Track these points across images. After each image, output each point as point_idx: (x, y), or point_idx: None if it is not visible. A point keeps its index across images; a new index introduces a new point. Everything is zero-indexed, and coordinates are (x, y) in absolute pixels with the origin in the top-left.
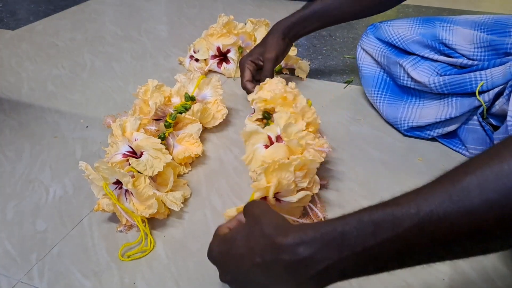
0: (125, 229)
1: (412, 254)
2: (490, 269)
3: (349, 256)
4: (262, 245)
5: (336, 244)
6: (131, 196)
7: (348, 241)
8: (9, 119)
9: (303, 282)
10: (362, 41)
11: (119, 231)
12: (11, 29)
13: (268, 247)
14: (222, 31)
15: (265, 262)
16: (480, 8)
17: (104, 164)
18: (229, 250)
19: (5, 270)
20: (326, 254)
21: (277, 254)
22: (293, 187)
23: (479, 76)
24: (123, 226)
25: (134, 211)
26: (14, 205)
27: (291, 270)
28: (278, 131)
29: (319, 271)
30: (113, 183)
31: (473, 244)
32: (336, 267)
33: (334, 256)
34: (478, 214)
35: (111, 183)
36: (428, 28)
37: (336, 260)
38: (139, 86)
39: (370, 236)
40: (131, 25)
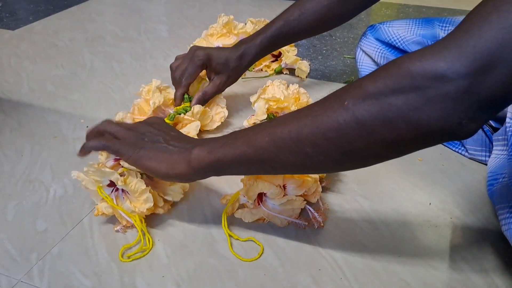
0: (121, 229)
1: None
2: (490, 269)
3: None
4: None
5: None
6: (127, 195)
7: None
8: (9, 119)
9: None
10: (361, 42)
11: (116, 230)
12: (11, 29)
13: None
14: (222, 31)
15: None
16: None
17: (92, 167)
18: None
19: (5, 269)
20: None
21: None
22: (277, 191)
23: None
24: (120, 226)
25: (132, 210)
26: (14, 205)
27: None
28: None
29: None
30: (107, 186)
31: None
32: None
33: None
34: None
35: (105, 186)
36: (428, 29)
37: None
38: (143, 85)
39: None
40: (131, 25)
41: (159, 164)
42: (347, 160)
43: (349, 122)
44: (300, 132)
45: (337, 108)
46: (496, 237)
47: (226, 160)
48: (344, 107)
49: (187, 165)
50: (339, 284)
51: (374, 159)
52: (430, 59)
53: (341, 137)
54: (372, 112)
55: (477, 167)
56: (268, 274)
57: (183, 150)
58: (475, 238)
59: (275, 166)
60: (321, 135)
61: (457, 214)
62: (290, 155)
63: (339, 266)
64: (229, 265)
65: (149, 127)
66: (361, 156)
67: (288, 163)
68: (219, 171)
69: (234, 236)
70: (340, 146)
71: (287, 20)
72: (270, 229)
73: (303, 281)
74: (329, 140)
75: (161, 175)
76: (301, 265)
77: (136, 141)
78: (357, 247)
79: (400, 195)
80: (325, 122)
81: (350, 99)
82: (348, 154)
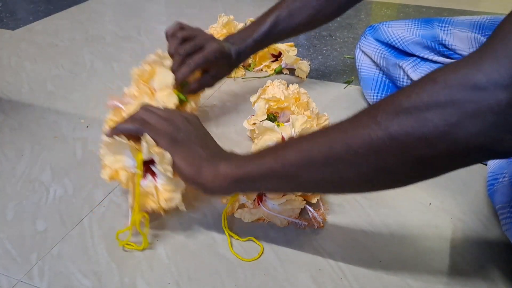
0: None
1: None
2: (490, 269)
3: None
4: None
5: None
6: (155, 180)
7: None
8: (9, 119)
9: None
10: (361, 43)
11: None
12: (11, 29)
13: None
14: (222, 31)
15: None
16: (480, 8)
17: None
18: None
19: (5, 269)
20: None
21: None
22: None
23: None
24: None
25: (154, 196)
26: (14, 205)
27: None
28: (293, 132)
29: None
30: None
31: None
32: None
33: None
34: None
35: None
36: (427, 29)
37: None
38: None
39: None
40: (131, 25)
41: (188, 167)
42: (380, 178)
43: (382, 138)
44: (330, 148)
45: (369, 124)
46: (496, 237)
47: (253, 176)
48: (376, 122)
49: (214, 177)
50: (339, 284)
51: (408, 178)
52: (466, 71)
53: (373, 153)
54: (406, 127)
55: (477, 167)
56: (268, 274)
57: (212, 161)
58: (475, 238)
59: (303, 183)
60: (352, 152)
61: (457, 214)
62: (319, 172)
63: (339, 266)
64: (229, 265)
65: (187, 123)
66: (394, 174)
67: (317, 180)
68: (244, 187)
69: (234, 236)
70: (373, 163)
71: (276, 20)
72: (270, 229)
73: (303, 281)
74: (361, 157)
75: (186, 178)
76: (301, 265)
77: (172, 133)
78: (357, 247)
79: (400, 195)
80: (356, 138)
81: (382, 114)
82: (381, 171)
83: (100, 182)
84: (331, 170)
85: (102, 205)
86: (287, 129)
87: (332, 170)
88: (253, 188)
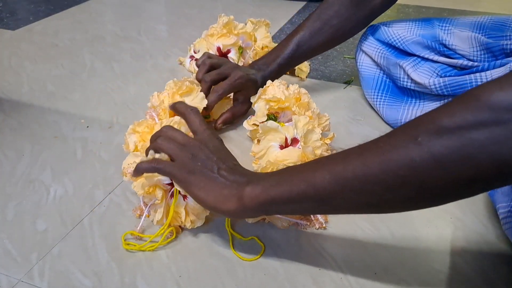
0: (139, 212)
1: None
2: (490, 269)
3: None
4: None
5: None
6: (185, 200)
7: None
8: (9, 119)
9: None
10: (361, 43)
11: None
12: (11, 29)
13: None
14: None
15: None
16: (480, 8)
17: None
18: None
19: (5, 269)
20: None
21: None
22: None
23: (480, 78)
24: (139, 210)
25: (181, 216)
26: (15, 205)
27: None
28: (295, 133)
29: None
30: (167, 184)
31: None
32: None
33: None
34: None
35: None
36: (428, 29)
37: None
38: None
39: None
40: (131, 25)
41: (208, 196)
42: (421, 199)
43: (425, 159)
44: (367, 170)
45: (408, 144)
46: (496, 237)
47: (282, 199)
48: (417, 143)
49: (238, 202)
50: (339, 284)
51: (452, 197)
52: (511, 88)
53: (415, 175)
54: (450, 148)
55: None
56: (268, 274)
57: (235, 185)
58: (475, 238)
59: (335, 205)
60: (392, 174)
61: (457, 214)
62: (354, 194)
63: (339, 266)
64: (229, 265)
65: (204, 149)
66: (438, 195)
67: (352, 202)
68: (272, 210)
69: (237, 236)
70: (415, 184)
71: (299, 44)
72: (270, 229)
73: (303, 281)
74: (402, 179)
75: (209, 207)
76: (301, 265)
77: (188, 164)
78: (357, 247)
79: None
80: (396, 159)
81: (423, 135)
82: (423, 193)
83: (100, 182)
84: (368, 193)
85: (102, 205)
86: (289, 130)
87: (369, 193)
88: (282, 211)
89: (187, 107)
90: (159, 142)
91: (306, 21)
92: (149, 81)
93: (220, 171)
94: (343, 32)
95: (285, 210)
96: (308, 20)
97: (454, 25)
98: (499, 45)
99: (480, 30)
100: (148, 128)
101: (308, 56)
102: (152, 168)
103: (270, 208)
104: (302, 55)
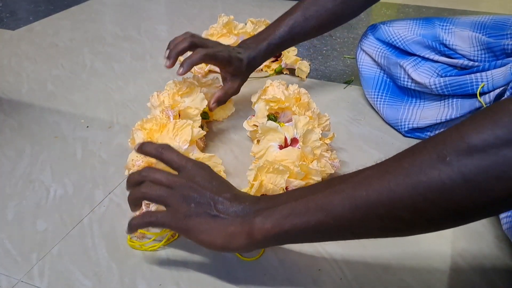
0: (138, 237)
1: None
2: (490, 269)
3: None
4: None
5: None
6: None
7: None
8: (9, 119)
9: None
10: (362, 42)
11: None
12: (11, 29)
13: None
14: (222, 31)
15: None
16: (480, 8)
17: None
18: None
19: (5, 269)
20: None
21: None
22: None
23: (480, 78)
24: (139, 234)
25: None
26: (15, 205)
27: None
28: (295, 133)
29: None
30: None
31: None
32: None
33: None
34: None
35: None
36: (428, 28)
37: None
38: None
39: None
40: (131, 25)
41: (213, 238)
42: (449, 220)
43: (455, 180)
44: (393, 195)
45: (436, 165)
46: (496, 237)
47: (297, 230)
48: (445, 163)
49: (249, 237)
50: (339, 284)
51: (481, 217)
52: None
53: (445, 197)
54: (482, 167)
55: None
56: (268, 274)
57: (239, 220)
58: (475, 238)
59: (357, 233)
60: (420, 197)
61: None
62: (378, 220)
63: (339, 266)
64: (229, 265)
65: (194, 186)
66: (467, 216)
67: (375, 228)
68: (286, 241)
69: None
70: (444, 207)
71: (292, 26)
72: None
73: (303, 281)
74: (430, 202)
75: (218, 249)
76: (301, 265)
77: (182, 208)
78: (357, 247)
79: None
80: (423, 181)
81: (452, 154)
82: (452, 215)
83: (100, 182)
84: (394, 219)
85: (102, 205)
86: (289, 130)
87: (394, 219)
88: (297, 241)
89: (157, 147)
90: (144, 191)
91: (301, 2)
92: (149, 81)
93: (217, 206)
94: (338, 17)
95: (299, 240)
96: (303, 2)
97: (455, 24)
98: (500, 44)
99: (481, 29)
100: (156, 125)
101: (301, 39)
102: (146, 223)
103: (283, 240)
104: (295, 37)
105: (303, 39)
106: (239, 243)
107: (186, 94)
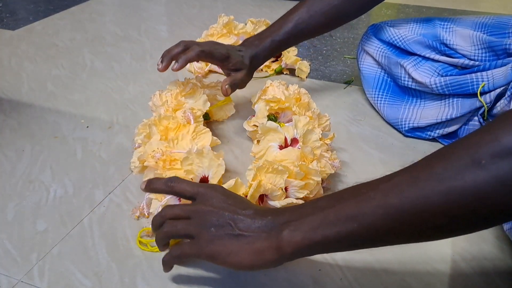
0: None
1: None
2: (490, 269)
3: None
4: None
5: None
6: None
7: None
8: (9, 119)
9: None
10: (363, 42)
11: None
12: (11, 29)
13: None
14: (222, 31)
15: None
16: (480, 8)
17: None
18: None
19: (5, 270)
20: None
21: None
22: (279, 193)
23: (481, 77)
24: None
25: None
26: (15, 205)
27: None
28: (295, 133)
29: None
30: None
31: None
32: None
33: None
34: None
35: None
36: (429, 28)
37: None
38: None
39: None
40: (131, 25)
41: (240, 259)
42: (483, 223)
43: (491, 184)
44: (427, 201)
45: (471, 169)
46: (496, 237)
47: (327, 241)
48: (480, 166)
49: (278, 252)
50: (339, 285)
51: (506, 220)
52: None
53: (481, 201)
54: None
55: None
56: (268, 274)
57: (264, 235)
58: (475, 238)
59: (388, 240)
60: (456, 203)
61: None
62: (412, 228)
63: (339, 266)
64: None
65: (211, 210)
66: (502, 219)
67: (408, 236)
68: (316, 252)
69: None
70: (479, 211)
71: (296, 22)
72: None
73: (303, 281)
74: (466, 207)
75: (247, 269)
76: (301, 266)
77: (204, 236)
78: None
79: None
80: (458, 186)
81: (487, 157)
82: (487, 218)
83: (100, 182)
84: (429, 225)
85: (102, 205)
86: (289, 130)
87: (429, 225)
88: (327, 251)
89: (164, 182)
90: (166, 230)
91: (305, 0)
92: (149, 81)
93: (239, 225)
94: (344, 14)
95: (329, 250)
96: (307, 0)
97: (456, 23)
98: (502, 43)
99: (482, 28)
100: (174, 124)
101: (306, 37)
102: (174, 258)
103: (313, 251)
104: (299, 34)
105: (307, 37)
106: (268, 259)
107: (189, 95)
